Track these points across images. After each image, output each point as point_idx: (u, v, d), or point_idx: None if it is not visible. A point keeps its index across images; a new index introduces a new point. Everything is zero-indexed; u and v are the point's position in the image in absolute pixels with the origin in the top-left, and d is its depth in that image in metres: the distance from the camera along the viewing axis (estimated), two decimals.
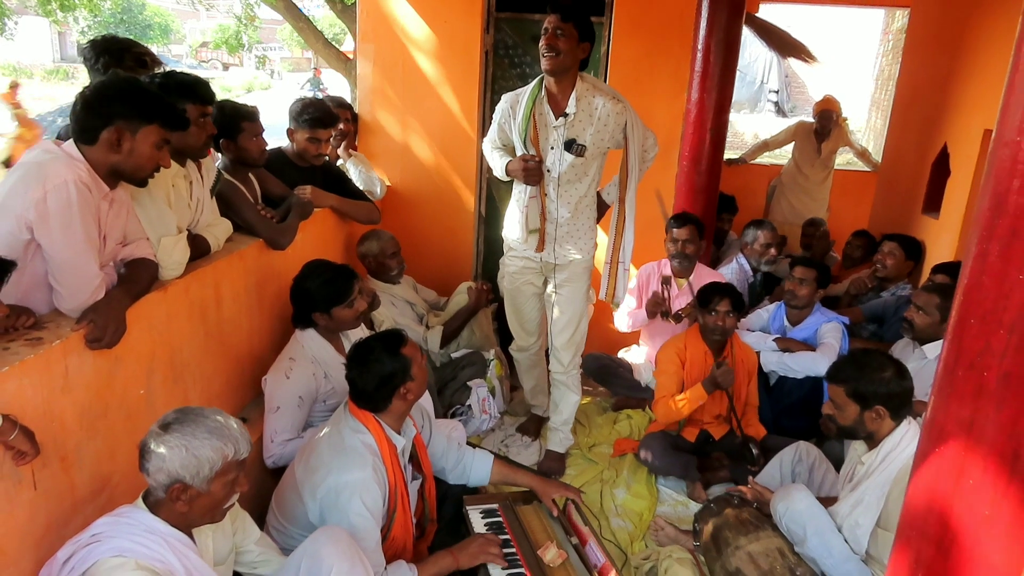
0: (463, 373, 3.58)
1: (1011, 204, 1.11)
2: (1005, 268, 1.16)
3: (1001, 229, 1.14)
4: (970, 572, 1.28)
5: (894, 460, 2.31)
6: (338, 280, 2.68)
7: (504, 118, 3.05)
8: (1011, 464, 1.18)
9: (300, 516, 2.18)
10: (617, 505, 3.09)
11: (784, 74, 16.43)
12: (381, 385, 2.18)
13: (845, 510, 2.42)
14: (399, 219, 4.29)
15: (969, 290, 1.22)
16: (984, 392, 1.21)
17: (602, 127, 2.92)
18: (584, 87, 2.90)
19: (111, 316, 1.88)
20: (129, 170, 1.91)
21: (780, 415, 3.42)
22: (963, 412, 1.23)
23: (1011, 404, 1.19)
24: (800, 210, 5.70)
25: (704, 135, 4.05)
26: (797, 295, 3.54)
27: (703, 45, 3.91)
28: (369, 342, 2.27)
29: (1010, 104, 1.11)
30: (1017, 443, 1.17)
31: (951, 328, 1.29)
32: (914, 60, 4.92)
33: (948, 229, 3.91)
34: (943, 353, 1.36)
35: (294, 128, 3.37)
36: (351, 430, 2.19)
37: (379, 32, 4.28)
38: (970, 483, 1.23)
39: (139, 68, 2.46)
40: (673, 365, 3.29)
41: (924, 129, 4.39)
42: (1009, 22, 3.43)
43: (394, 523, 2.20)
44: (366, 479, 2.09)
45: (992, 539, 1.24)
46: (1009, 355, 1.17)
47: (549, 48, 2.77)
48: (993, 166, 1.16)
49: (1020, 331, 1.14)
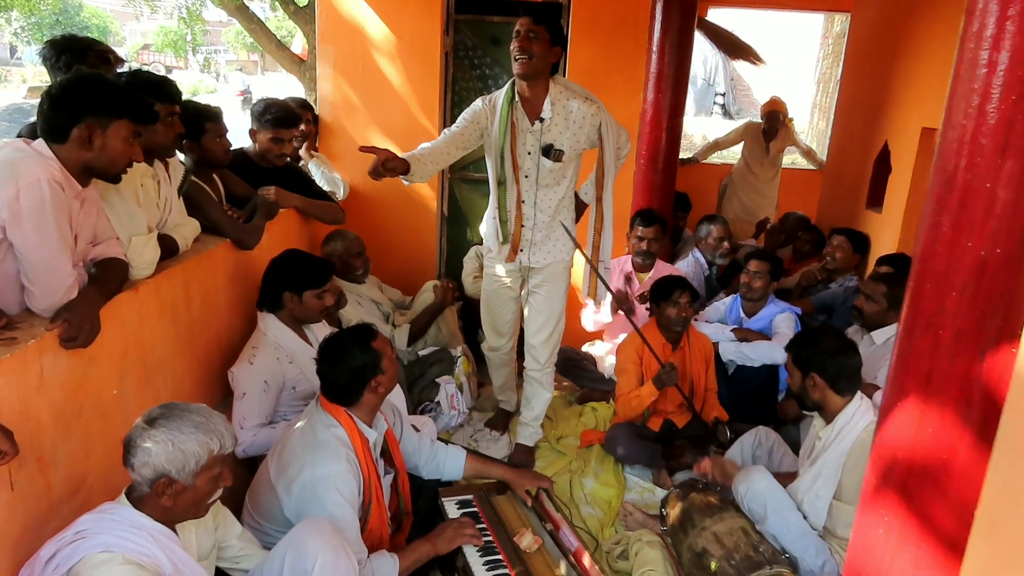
0: (431, 370, 3.62)
1: (959, 180, 1.24)
2: (956, 236, 1.28)
3: (951, 202, 1.27)
4: (932, 510, 1.41)
5: (848, 434, 2.45)
6: (318, 266, 2.73)
7: (478, 118, 2.97)
8: (965, 412, 1.31)
9: (276, 513, 2.19)
10: (586, 494, 3.17)
11: (730, 77, 16.89)
12: (352, 378, 2.21)
13: (806, 484, 2.54)
14: (363, 219, 4.29)
15: (924, 257, 1.35)
16: (939, 348, 1.34)
17: (578, 130, 2.93)
18: (557, 90, 2.90)
19: (85, 315, 1.87)
20: (103, 166, 1.90)
21: (739, 402, 3.56)
22: (921, 367, 1.36)
23: (963, 358, 1.32)
24: (750, 207, 5.91)
25: (660, 135, 4.19)
26: (752, 287, 3.69)
27: (658, 47, 4.05)
28: (340, 336, 2.29)
29: (957, 91, 1.24)
30: (969, 392, 1.31)
31: (909, 292, 1.41)
32: (855, 63, 5.15)
33: (891, 222, 4.11)
34: (902, 316, 1.48)
35: (256, 128, 3.36)
36: (323, 424, 2.21)
37: (338, 34, 4.29)
38: (929, 431, 1.36)
39: (103, 65, 2.43)
40: (632, 363, 3.39)
41: (866, 128, 4.60)
42: (944, 26, 3.64)
43: (370, 515, 2.23)
44: (341, 471, 2.11)
45: (950, 479, 1.38)
46: (961, 314, 1.30)
47: (522, 51, 2.75)
48: (942, 146, 1.29)
49: (970, 292, 1.28)
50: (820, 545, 2.50)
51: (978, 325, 1.28)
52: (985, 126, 1.20)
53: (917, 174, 3.88)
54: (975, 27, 1.21)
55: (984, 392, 1.30)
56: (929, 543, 1.42)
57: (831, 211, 5.18)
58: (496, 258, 3.23)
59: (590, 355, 4.13)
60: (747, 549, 2.48)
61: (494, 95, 3.00)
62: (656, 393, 3.24)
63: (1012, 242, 1.22)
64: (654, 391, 3.23)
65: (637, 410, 3.30)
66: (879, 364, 3.12)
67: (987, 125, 1.20)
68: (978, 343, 1.29)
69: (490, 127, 2.97)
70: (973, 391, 1.31)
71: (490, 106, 2.97)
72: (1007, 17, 1.16)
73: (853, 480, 2.40)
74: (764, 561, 2.42)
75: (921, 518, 1.42)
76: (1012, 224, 1.22)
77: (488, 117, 2.96)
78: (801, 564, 2.47)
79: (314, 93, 6.38)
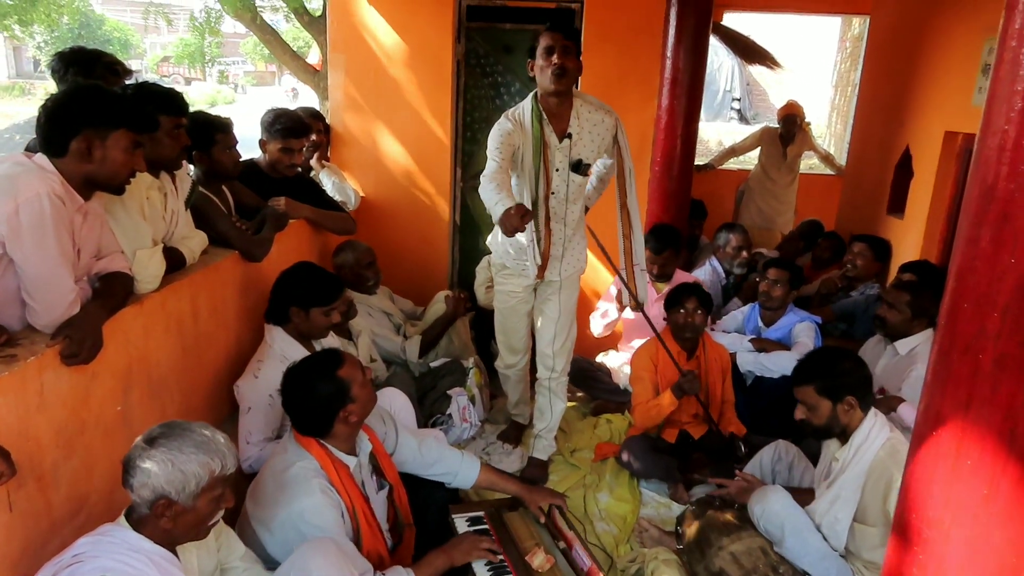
0: (443, 382, 3.57)
1: (1000, 190, 1.16)
2: (997, 252, 1.19)
3: (992, 214, 1.18)
4: (971, 551, 1.32)
5: (866, 453, 2.36)
6: (328, 284, 2.68)
7: (512, 140, 2.82)
8: (1008, 443, 1.21)
9: (259, 551, 2.11)
10: (601, 509, 3.10)
11: (746, 82, 16.76)
12: (319, 412, 2.11)
13: (823, 507, 2.45)
14: (374, 229, 4.26)
15: (962, 275, 1.26)
16: (980, 374, 1.24)
17: (600, 140, 2.94)
18: (579, 103, 2.88)
19: (87, 331, 1.84)
20: (104, 178, 1.88)
21: (757, 414, 3.47)
22: (959, 394, 1.27)
23: (1007, 384, 1.22)
24: (768, 213, 5.81)
25: (675, 141, 4.12)
26: (771, 296, 3.60)
27: (672, 53, 3.99)
28: (302, 367, 2.17)
29: (996, 95, 1.16)
30: (1014, 422, 1.21)
31: (944, 313, 1.32)
32: (875, 66, 5.06)
33: (913, 229, 4.01)
34: (937, 338, 1.40)
35: (266, 139, 3.34)
36: (292, 458, 2.12)
37: (350, 43, 4.27)
38: (968, 463, 1.26)
39: (111, 77, 2.43)
40: (647, 371, 3.33)
41: (886, 132, 4.51)
42: (966, 26, 3.55)
43: (362, 538, 2.17)
44: (315, 504, 2.03)
45: (991, 516, 1.28)
46: (1004, 337, 1.21)
47: (561, 67, 2.71)
48: (981, 154, 1.20)
49: (1013, 313, 1.18)
50: (842, 567, 2.40)
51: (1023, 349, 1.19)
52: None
53: (940, 179, 3.78)
54: (1017, 24, 1.12)
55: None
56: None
57: (851, 217, 5.08)
58: (512, 276, 3.16)
59: (604, 366, 4.06)
60: (766, 570, 2.40)
61: (515, 114, 2.88)
62: (676, 403, 3.17)
63: None
64: (674, 400, 3.16)
65: (656, 419, 3.23)
66: (903, 375, 3.02)
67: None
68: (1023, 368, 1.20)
69: (522, 147, 2.86)
70: (1018, 420, 1.22)
71: (517, 125, 2.85)
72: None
73: (876, 500, 2.31)
74: None
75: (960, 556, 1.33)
76: None
77: (519, 137, 2.85)
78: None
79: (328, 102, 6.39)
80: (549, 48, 2.73)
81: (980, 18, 3.40)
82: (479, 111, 4.55)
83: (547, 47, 2.73)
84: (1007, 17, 1.14)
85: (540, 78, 2.79)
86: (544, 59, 2.74)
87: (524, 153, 2.87)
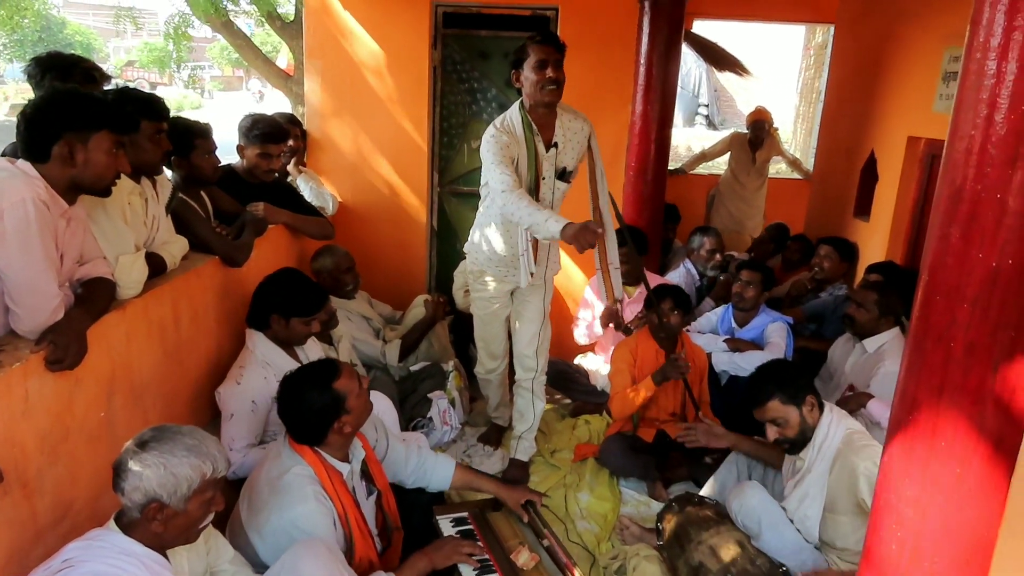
0: (423, 385, 3.59)
1: (968, 191, 1.24)
2: (966, 248, 1.28)
3: (961, 214, 1.27)
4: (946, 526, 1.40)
5: (827, 450, 2.45)
6: (311, 294, 2.68)
7: (511, 152, 2.84)
8: (979, 425, 1.30)
9: (251, 556, 2.11)
10: (581, 508, 3.15)
11: (713, 88, 17.03)
12: (314, 422, 2.11)
13: (793, 506, 2.53)
14: (351, 234, 4.27)
15: (934, 270, 1.34)
16: (952, 361, 1.33)
17: (580, 148, 3.02)
18: (561, 113, 2.95)
19: (72, 336, 1.83)
20: (89, 181, 1.87)
21: (732, 413, 3.54)
22: (933, 381, 1.35)
23: (976, 371, 1.31)
24: (738, 217, 5.93)
25: (649, 146, 4.19)
26: (744, 297, 3.69)
27: (645, 59, 4.06)
28: (297, 376, 2.17)
29: (963, 102, 1.24)
30: (983, 406, 1.30)
31: (918, 306, 1.40)
32: (840, 73, 5.20)
33: (879, 231, 4.14)
34: (911, 329, 1.47)
35: (244, 144, 3.33)
36: (287, 464, 2.13)
37: (326, 48, 4.28)
38: (942, 445, 1.35)
39: (88, 83, 2.40)
40: (625, 363, 3.39)
41: (852, 138, 4.64)
42: (928, 35, 3.68)
43: (354, 545, 2.18)
44: (309, 511, 2.04)
45: (964, 494, 1.37)
46: (973, 327, 1.29)
47: (556, 81, 2.77)
48: (950, 157, 1.28)
49: (982, 305, 1.27)
50: (817, 558, 2.48)
51: (991, 337, 1.28)
52: (995, 136, 1.20)
53: (904, 183, 3.91)
54: (981, 37, 1.21)
55: (998, 404, 1.30)
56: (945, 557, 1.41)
57: (819, 220, 5.21)
58: (493, 281, 3.20)
59: (582, 368, 4.12)
60: (744, 563, 2.46)
61: (505, 124, 2.89)
62: (653, 388, 3.23)
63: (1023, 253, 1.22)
64: (651, 386, 3.22)
65: (632, 405, 3.29)
66: (872, 372, 3.12)
67: (996, 135, 1.20)
68: (991, 356, 1.28)
69: (517, 158, 2.88)
70: (987, 404, 1.30)
71: (511, 137, 2.86)
72: (1014, 28, 1.16)
73: (843, 491, 2.39)
74: (761, 575, 2.41)
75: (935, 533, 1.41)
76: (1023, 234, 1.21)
77: (515, 148, 2.87)
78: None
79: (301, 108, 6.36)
80: (543, 62, 2.76)
81: (940, 27, 3.52)
82: (456, 117, 4.59)
83: (540, 60, 2.76)
84: (972, 31, 1.23)
85: (531, 90, 2.82)
86: (537, 73, 2.77)
87: (519, 164, 2.89)
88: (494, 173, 2.75)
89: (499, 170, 2.74)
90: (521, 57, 2.83)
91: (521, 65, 2.83)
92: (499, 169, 2.74)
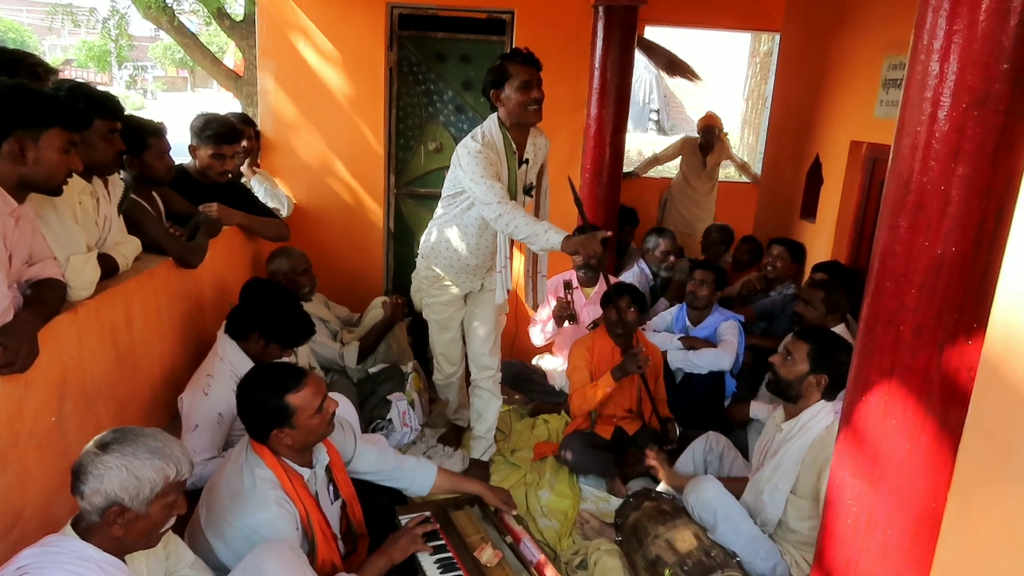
0: (382, 387, 3.57)
1: (915, 182, 1.33)
2: (913, 237, 1.36)
3: (908, 204, 1.35)
4: (898, 499, 1.48)
5: (810, 430, 2.53)
6: (302, 329, 2.69)
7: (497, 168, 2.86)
8: (927, 402, 1.39)
9: (211, 559, 2.08)
10: (542, 506, 3.18)
11: (663, 94, 17.36)
12: (255, 420, 2.10)
13: (767, 475, 2.59)
14: (307, 236, 4.23)
15: (884, 257, 1.43)
16: (901, 343, 1.42)
17: (541, 163, 3.12)
18: (531, 130, 3.01)
19: (22, 338, 1.77)
20: (40, 180, 1.82)
21: (687, 409, 3.63)
22: (884, 362, 1.44)
23: (924, 352, 1.40)
24: (689, 219, 6.07)
25: (604, 149, 4.26)
26: (698, 296, 3.78)
27: (600, 64, 4.13)
28: (263, 372, 2.15)
29: (909, 100, 1.33)
30: (931, 384, 1.39)
31: (869, 292, 1.49)
32: (786, 79, 5.37)
33: (824, 232, 4.29)
34: (863, 314, 1.55)
35: (197, 144, 3.27)
36: (249, 468, 2.10)
37: (280, 48, 4.23)
38: (893, 423, 1.43)
39: (33, 80, 2.33)
40: (583, 360, 3.45)
41: (798, 142, 4.80)
42: (868, 43, 3.84)
43: (317, 549, 2.16)
44: (271, 517, 2.02)
45: (914, 468, 1.46)
46: (920, 310, 1.38)
47: (538, 102, 2.83)
48: (897, 152, 1.37)
49: (928, 289, 1.36)
50: (770, 548, 2.56)
51: (937, 320, 1.36)
52: (938, 132, 1.28)
53: (847, 185, 4.06)
54: (925, 40, 1.29)
55: (944, 382, 1.38)
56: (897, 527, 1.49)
57: (767, 222, 5.36)
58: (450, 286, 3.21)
59: (540, 368, 4.15)
60: (699, 555, 2.52)
61: (486, 138, 2.88)
62: (612, 384, 3.28)
63: (966, 240, 1.30)
64: (611, 382, 3.28)
65: (592, 401, 3.34)
66: None
67: (940, 131, 1.27)
68: (937, 337, 1.36)
69: (500, 171, 2.90)
70: (934, 382, 1.39)
71: (493, 152, 2.87)
72: (954, 31, 1.24)
73: (810, 475, 2.48)
74: (716, 566, 2.46)
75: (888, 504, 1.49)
76: (965, 223, 1.29)
77: (499, 166, 2.89)
78: (752, 568, 2.52)
79: (251, 108, 6.26)
80: (527, 83, 2.80)
81: (880, 37, 3.68)
82: (412, 118, 4.58)
83: (525, 82, 2.80)
84: (916, 35, 1.31)
85: (515, 110, 2.84)
86: (523, 94, 2.80)
87: (502, 176, 2.90)
88: (481, 186, 2.76)
89: (487, 183, 2.75)
90: (501, 77, 2.84)
91: (501, 85, 2.84)
92: (487, 182, 2.75)
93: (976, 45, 1.22)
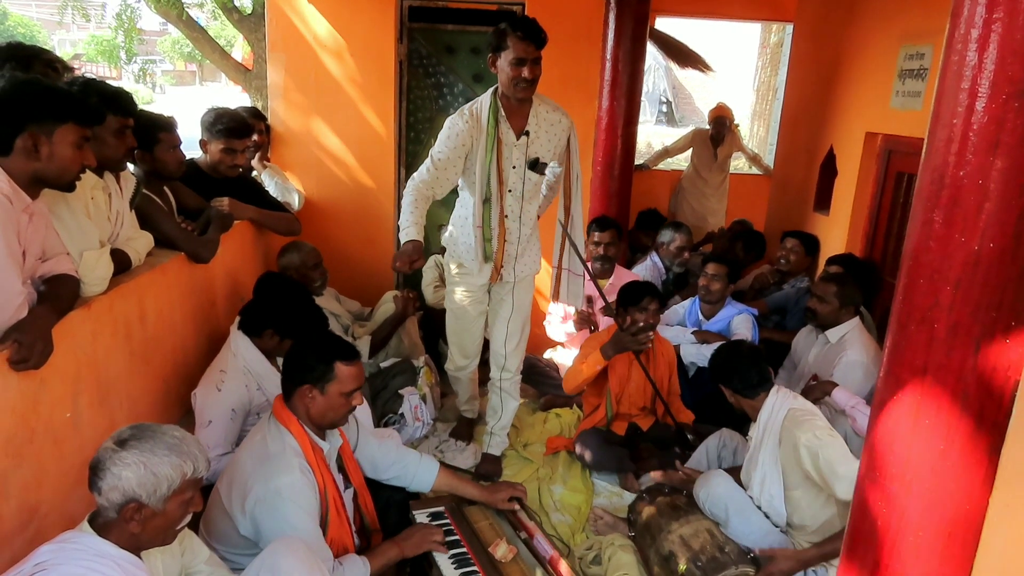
0: (394, 382, 3.56)
1: (950, 176, 1.30)
2: (948, 232, 1.33)
3: (943, 199, 1.32)
4: (931, 502, 1.46)
5: (772, 427, 2.54)
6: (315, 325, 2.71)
7: (463, 140, 2.85)
8: (962, 403, 1.36)
9: (231, 534, 2.10)
10: (555, 500, 3.16)
11: (672, 85, 17.28)
12: (298, 366, 2.15)
13: (756, 488, 2.60)
14: (317, 230, 4.21)
15: (917, 253, 1.40)
16: (935, 342, 1.39)
17: (556, 140, 2.99)
18: (538, 103, 2.92)
19: (37, 335, 1.77)
20: (53, 175, 1.81)
21: (700, 404, 3.61)
22: (917, 361, 1.41)
23: (959, 350, 1.36)
24: (701, 212, 6.03)
25: (616, 142, 4.24)
26: (711, 290, 3.75)
27: (611, 56, 4.10)
28: (328, 334, 2.28)
29: (945, 91, 1.29)
30: (966, 384, 1.36)
31: (901, 289, 1.46)
32: (799, 70, 5.31)
33: (838, 224, 4.24)
34: (895, 310, 1.52)
35: (207, 139, 3.27)
36: (273, 435, 2.13)
37: (289, 42, 4.21)
38: (926, 423, 1.40)
39: (51, 75, 2.33)
40: (591, 349, 3.41)
41: (811, 134, 4.75)
42: (883, 35, 3.78)
43: (329, 525, 2.16)
44: (295, 481, 2.04)
45: (947, 469, 1.43)
46: (956, 308, 1.34)
47: (527, 82, 2.76)
48: (931, 145, 1.33)
49: (964, 286, 1.32)
50: (784, 542, 2.55)
51: (973, 317, 1.33)
52: (976, 124, 1.24)
53: (862, 177, 4.01)
54: (962, 29, 1.26)
55: (980, 382, 1.35)
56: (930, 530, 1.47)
57: (779, 215, 5.32)
58: (468, 276, 3.15)
59: (552, 362, 4.14)
60: (713, 550, 2.51)
61: (472, 110, 2.88)
62: (603, 362, 3.23)
63: (1005, 236, 1.27)
64: (600, 359, 3.23)
65: (577, 378, 3.31)
66: (834, 361, 3.20)
67: (979, 123, 1.24)
68: (973, 335, 1.33)
69: (474, 145, 2.88)
70: (969, 382, 1.36)
71: (473, 120, 2.85)
72: (994, 20, 1.20)
73: (792, 465, 2.48)
74: (730, 562, 2.45)
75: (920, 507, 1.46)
76: (1004, 218, 1.26)
77: (473, 135, 2.86)
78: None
79: (260, 102, 6.25)
80: (520, 60, 2.73)
81: (897, 26, 3.63)
82: (422, 111, 4.56)
83: (518, 59, 2.72)
84: (952, 23, 1.28)
85: (505, 82, 2.80)
86: (513, 70, 2.74)
87: (476, 149, 2.88)
88: (428, 161, 2.87)
89: (431, 160, 2.87)
90: (500, 44, 2.77)
91: (499, 52, 2.78)
92: (432, 158, 2.87)
93: (1017, 34, 1.18)
